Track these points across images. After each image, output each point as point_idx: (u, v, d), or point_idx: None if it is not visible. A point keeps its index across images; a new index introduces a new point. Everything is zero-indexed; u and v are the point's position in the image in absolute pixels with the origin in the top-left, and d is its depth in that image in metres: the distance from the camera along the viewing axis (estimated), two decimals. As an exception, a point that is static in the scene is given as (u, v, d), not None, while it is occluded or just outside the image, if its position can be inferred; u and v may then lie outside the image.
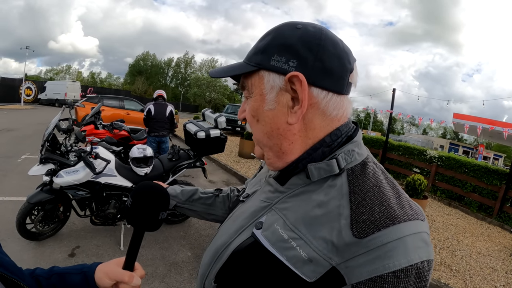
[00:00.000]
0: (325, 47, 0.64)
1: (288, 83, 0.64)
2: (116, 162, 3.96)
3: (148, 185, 0.81)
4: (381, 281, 0.53)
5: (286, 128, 0.67)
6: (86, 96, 16.40)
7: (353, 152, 0.68)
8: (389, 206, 0.59)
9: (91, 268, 0.84)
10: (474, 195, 8.39)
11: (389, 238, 0.54)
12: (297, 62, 0.63)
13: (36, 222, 3.57)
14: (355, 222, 0.57)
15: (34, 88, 30.68)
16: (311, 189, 0.67)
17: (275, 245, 0.64)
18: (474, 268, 4.70)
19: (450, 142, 49.31)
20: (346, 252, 0.56)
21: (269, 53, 0.65)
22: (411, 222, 0.57)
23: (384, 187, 0.63)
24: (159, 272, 3.45)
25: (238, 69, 0.70)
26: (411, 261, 0.54)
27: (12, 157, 7.55)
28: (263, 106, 0.68)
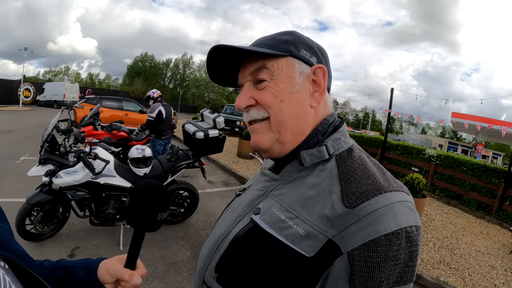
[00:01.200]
0: (328, 57, 0.81)
1: (312, 73, 0.76)
2: (115, 163, 3.96)
3: (146, 184, 0.78)
4: (374, 245, 0.57)
5: (308, 111, 0.76)
6: (84, 98, 16.40)
7: (340, 140, 0.76)
8: (375, 179, 0.65)
9: (94, 263, 0.84)
10: (473, 194, 8.41)
11: (377, 205, 0.59)
12: (317, 59, 0.77)
13: (35, 223, 3.57)
14: (346, 195, 0.63)
15: (33, 89, 30.60)
16: (303, 174, 0.74)
17: (273, 226, 0.68)
18: (473, 266, 4.71)
19: (449, 141, 49.41)
20: (339, 223, 0.61)
21: (298, 46, 0.75)
22: (397, 192, 0.63)
23: (369, 165, 0.70)
24: (159, 272, 3.45)
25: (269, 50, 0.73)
26: (400, 225, 0.58)
27: (11, 159, 7.53)
28: (291, 88, 0.74)
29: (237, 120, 17.77)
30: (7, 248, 0.61)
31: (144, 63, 76.74)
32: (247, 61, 0.77)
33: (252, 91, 0.76)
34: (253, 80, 0.76)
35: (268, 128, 0.76)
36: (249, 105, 0.77)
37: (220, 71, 0.83)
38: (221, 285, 0.73)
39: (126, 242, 3.94)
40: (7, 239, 0.63)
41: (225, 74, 0.84)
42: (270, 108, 0.74)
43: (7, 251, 0.60)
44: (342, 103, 60.72)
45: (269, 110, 0.74)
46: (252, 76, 0.76)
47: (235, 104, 0.79)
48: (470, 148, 36.55)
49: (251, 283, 0.68)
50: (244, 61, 0.78)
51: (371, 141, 11.95)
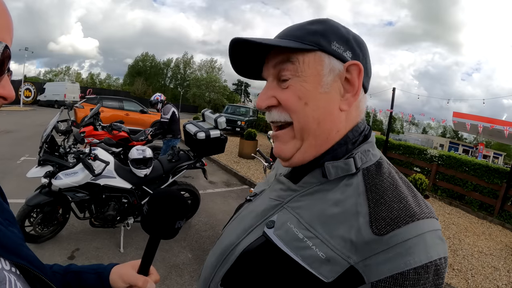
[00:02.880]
0: (367, 51, 0.70)
1: (345, 71, 0.65)
2: (116, 164, 3.93)
3: (165, 192, 0.78)
4: (402, 278, 0.52)
5: (337, 115, 0.66)
6: (85, 97, 16.39)
7: (368, 152, 0.68)
8: (407, 203, 0.58)
9: (106, 269, 0.84)
10: (475, 194, 8.38)
11: (409, 235, 0.54)
12: (352, 54, 0.66)
13: (35, 225, 3.54)
14: (374, 219, 0.57)
15: (33, 89, 30.62)
16: (326, 188, 0.66)
17: (289, 244, 0.62)
18: (476, 267, 4.68)
19: (450, 141, 49.33)
20: (365, 250, 0.55)
21: (329, 38, 0.65)
22: (429, 219, 0.58)
23: (400, 186, 0.63)
24: (160, 274, 3.34)
25: (293, 43, 0.64)
26: (430, 258, 0.54)
27: (11, 159, 7.51)
28: (318, 88, 0.65)
29: (238, 120, 17.77)
30: (19, 254, 0.60)
31: (145, 63, 76.72)
32: (272, 53, 0.69)
33: (275, 89, 0.69)
34: (276, 75, 0.68)
35: (291, 136, 0.68)
36: (271, 105, 0.69)
37: (244, 62, 0.74)
38: None
39: (127, 243, 3.92)
40: (18, 245, 0.62)
41: (250, 65, 0.75)
42: (293, 112, 0.66)
43: (19, 257, 0.60)
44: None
45: (292, 114, 0.66)
46: (276, 70, 0.68)
47: (256, 103, 0.72)
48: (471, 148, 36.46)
49: None
50: (269, 53, 0.70)
51: (372, 141, 11.93)
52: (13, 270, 0.57)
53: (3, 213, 0.66)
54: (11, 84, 0.58)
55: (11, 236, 0.62)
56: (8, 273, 0.55)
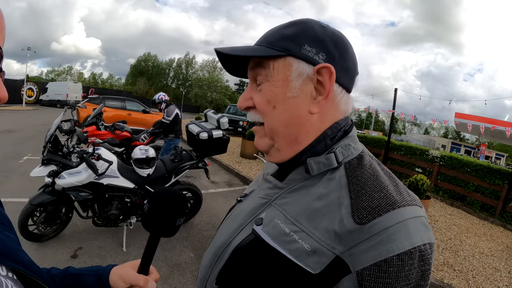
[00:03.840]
0: (347, 49, 0.69)
1: (315, 74, 0.65)
2: (119, 163, 3.96)
3: (166, 191, 0.80)
4: (386, 265, 0.53)
5: (306, 117, 0.67)
6: (87, 97, 16.43)
7: (349, 146, 0.70)
8: (388, 192, 0.60)
9: (105, 270, 0.84)
10: (477, 195, 8.36)
11: (390, 222, 0.55)
12: (326, 56, 0.65)
13: (38, 224, 3.57)
14: (356, 209, 0.58)
15: (36, 89, 30.72)
16: (310, 183, 0.68)
17: (276, 239, 0.64)
18: (477, 268, 4.68)
19: (452, 141, 49.25)
20: (349, 240, 0.57)
21: (300, 42, 0.65)
22: (411, 207, 0.59)
23: (381, 176, 0.65)
24: (162, 273, 3.44)
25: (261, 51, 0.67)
26: (413, 244, 0.55)
27: (14, 158, 7.55)
28: (286, 92, 0.67)
29: (240, 120, 17.77)
30: (15, 259, 0.60)
31: (147, 63, 76.78)
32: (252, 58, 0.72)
33: (253, 91, 0.72)
34: (254, 78, 0.72)
35: (264, 133, 0.73)
36: (249, 107, 0.73)
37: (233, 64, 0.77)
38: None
39: (129, 243, 3.94)
40: (15, 250, 0.62)
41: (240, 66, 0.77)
42: (262, 114, 0.70)
43: (15, 262, 0.59)
44: (345, 103, 60.41)
45: (262, 116, 0.70)
46: (253, 73, 0.72)
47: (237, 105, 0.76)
48: (473, 148, 36.45)
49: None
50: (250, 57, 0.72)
51: (374, 142, 11.89)
52: (9, 276, 0.57)
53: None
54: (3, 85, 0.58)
55: (7, 241, 0.62)
56: (5, 278, 0.55)
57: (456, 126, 14.22)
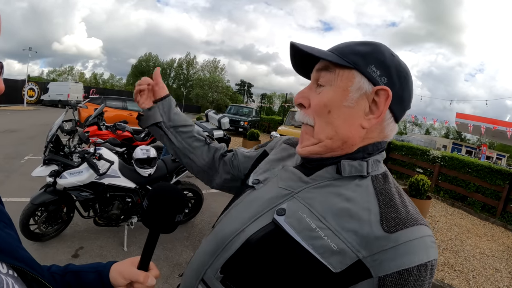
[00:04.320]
0: (408, 82, 0.73)
1: (373, 93, 0.70)
2: (120, 163, 3.96)
3: (164, 187, 0.81)
4: (407, 274, 0.59)
5: (355, 130, 0.71)
6: (89, 97, 16.44)
7: (379, 163, 0.75)
8: (411, 210, 0.67)
9: (105, 267, 0.84)
10: (477, 195, 8.36)
11: (414, 236, 0.61)
12: (387, 81, 0.70)
13: (39, 223, 3.57)
14: (385, 218, 0.63)
15: (37, 89, 30.76)
16: (338, 184, 0.71)
17: (301, 233, 0.65)
18: (477, 268, 4.69)
19: (453, 142, 49.07)
20: (374, 246, 0.61)
21: (369, 61, 0.70)
22: (426, 226, 0.65)
23: (403, 195, 0.71)
24: (163, 272, 3.45)
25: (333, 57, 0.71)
26: (429, 258, 0.61)
27: (15, 158, 7.57)
28: (343, 101, 0.71)
29: (241, 120, 17.80)
30: (16, 257, 0.60)
31: (148, 63, 76.59)
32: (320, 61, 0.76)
33: (311, 91, 0.76)
34: (316, 79, 0.76)
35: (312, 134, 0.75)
36: (302, 104, 0.77)
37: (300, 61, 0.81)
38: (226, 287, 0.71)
39: (130, 242, 3.95)
40: (15, 247, 0.62)
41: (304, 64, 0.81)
42: (317, 115, 0.73)
43: (16, 260, 0.59)
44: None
45: (315, 118, 0.73)
46: (317, 74, 0.76)
47: None
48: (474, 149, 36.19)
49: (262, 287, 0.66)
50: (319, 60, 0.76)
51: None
52: (10, 273, 0.57)
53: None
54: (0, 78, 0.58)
55: (7, 239, 0.61)
56: (6, 276, 0.55)
57: (457, 126, 14.25)
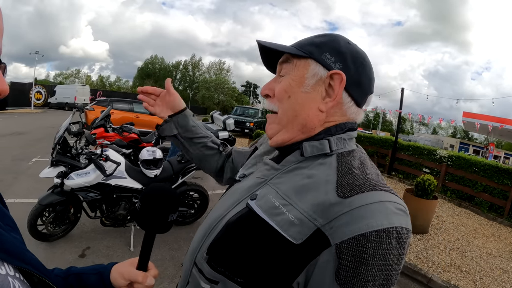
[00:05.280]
0: (364, 67, 0.78)
1: (328, 78, 0.75)
2: (126, 165, 4.00)
3: (156, 188, 0.82)
4: (364, 240, 0.57)
5: (314, 113, 0.76)
6: (95, 100, 16.55)
7: (344, 141, 0.78)
8: (372, 177, 0.68)
9: (106, 268, 0.85)
10: (485, 195, 8.29)
11: (372, 200, 0.61)
12: (342, 66, 0.75)
13: (47, 224, 3.62)
14: (341, 185, 0.65)
15: (44, 92, 30.97)
16: (303, 165, 0.76)
17: (266, 212, 0.70)
18: (484, 269, 4.66)
19: (460, 141, 48.85)
20: (330, 212, 0.61)
21: (323, 49, 0.76)
22: (392, 194, 0.65)
23: (368, 165, 0.73)
24: (169, 273, 3.48)
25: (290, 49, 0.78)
26: (392, 224, 0.59)
27: (23, 160, 7.64)
28: (299, 87, 0.77)
29: (246, 122, 17.79)
30: (23, 259, 0.61)
31: (154, 65, 76.91)
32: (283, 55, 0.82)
33: (275, 83, 0.83)
34: (279, 71, 0.83)
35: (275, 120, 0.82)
36: (267, 95, 0.84)
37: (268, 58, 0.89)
38: (211, 267, 0.74)
39: (137, 243, 3.98)
40: (22, 250, 0.63)
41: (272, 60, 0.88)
42: (279, 101, 0.79)
43: (23, 262, 0.60)
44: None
45: (278, 104, 0.80)
46: (279, 67, 0.83)
47: None
48: (482, 148, 36.01)
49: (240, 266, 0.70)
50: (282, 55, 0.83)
51: (382, 142, 11.87)
52: (17, 276, 0.57)
53: (4, 219, 0.66)
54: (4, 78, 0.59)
55: (14, 241, 0.62)
56: (12, 278, 0.55)
57: (464, 125, 14.16)
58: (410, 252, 4.80)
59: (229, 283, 0.71)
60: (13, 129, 12.83)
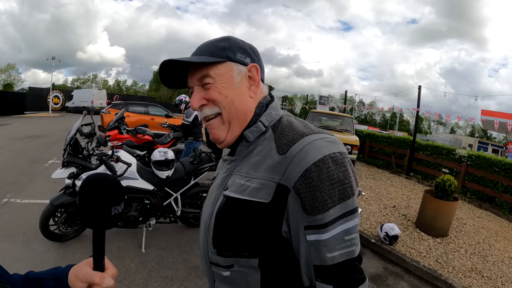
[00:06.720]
0: (258, 53, 0.98)
1: (248, 71, 0.92)
2: (138, 166, 3.98)
3: (94, 178, 0.73)
4: (308, 173, 0.75)
5: (248, 101, 0.93)
6: (111, 103, 16.77)
7: (271, 114, 0.94)
8: (298, 129, 0.85)
9: (64, 271, 0.82)
10: (506, 196, 7.96)
11: (303, 144, 0.79)
12: (250, 59, 0.93)
13: (59, 224, 3.65)
14: (279, 146, 0.83)
15: (62, 96, 31.65)
16: (252, 148, 0.92)
17: (237, 191, 0.86)
18: (506, 274, 4.46)
19: (479, 140, 47.87)
20: (280, 168, 0.80)
21: (234, 50, 0.91)
22: (317, 134, 0.83)
23: (294, 123, 0.90)
24: (179, 275, 3.44)
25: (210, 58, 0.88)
26: (323, 153, 0.77)
27: (40, 162, 7.79)
28: (231, 86, 0.90)
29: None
30: None
31: (169, 69, 77.81)
32: (193, 68, 0.91)
33: (202, 93, 0.91)
34: (200, 84, 0.91)
35: (221, 122, 0.92)
36: (202, 104, 0.92)
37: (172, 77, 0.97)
38: (222, 256, 0.90)
39: (148, 244, 3.96)
40: None
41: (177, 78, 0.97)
42: (218, 102, 0.89)
43: None
44: (369, 103, 59.77)
45: (218, 105, 0.90)
46: (199, 82, 0.91)
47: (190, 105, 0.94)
48: (501, 147, 35.16)
49: (240, 242, 0.86)
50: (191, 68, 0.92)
51: (399, 142, 11.66)
52: None
53: None
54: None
55: None
56: None
57: (483, 124, 13.86)
58: (429, 257, 4.66)
59: (240, 260, 0.88)
60: (31, 132, 13.09)
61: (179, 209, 4.13)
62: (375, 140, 12.72)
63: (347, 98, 18.81)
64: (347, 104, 19.01)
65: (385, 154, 11.94)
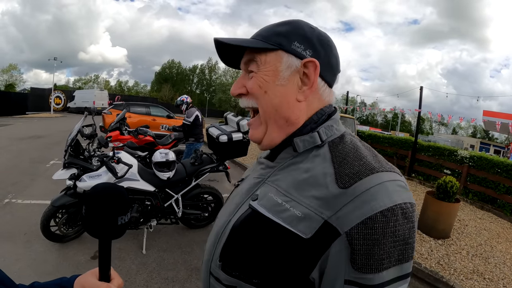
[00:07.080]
0: (332, 49, 0.79)
1: (302, 67, 0.74)
2: (139, 167, 3.98)
3: (100, 188, 0.73)
4: (371, 222, 0.59)
5: (294, 104, 0.76)
6: (113, 104, 16.80)
7: (332, 127, 0.77)
8: (367, 161, 0.68)
9: (69, 282, 0.81)
10: (508, 197, 7.92)
11: (371, 184, 0.62)
12: (312, 52, 0.74)
13: (60, 225, 3.65)
14: (339, 176, 0.65)
15: (63, 97, 31.67)
16: (298, 160, 0.76)
17: (271, 210, 0.70)
18: (508, 276, 4.44)
19: (480, 141, 47.78)
20: (334, 204, 0.62)
21: (291, 39, 0.74)
22: (389, 172, 0.66)
23: (361, 149, 0.73)
24: (180, 276, 3.43)
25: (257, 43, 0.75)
26: (394, 202, 0.61)
27: (41, 162, 7.80)
28: (274, 81, 0.75)
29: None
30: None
31: (171, 70, 78.21)
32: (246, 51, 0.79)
33: (245, 80, 0.80)
34: (246, 69, 0.80)
35: (259, 122, 0.80)
36: (241, 93, 0.81)
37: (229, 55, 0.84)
38: (226, 273, 0.74)
39: (149, 245, 3.96)
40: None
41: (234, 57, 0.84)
42: (255, 97, 0.77)
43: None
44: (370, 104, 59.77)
45: (256, 100, 0.78)
46: (246, 66, 0.80)
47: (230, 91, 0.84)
48: (503, 148, 35.08)
49: (253, 267, 0.70)
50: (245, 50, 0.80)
51: (401, 143, 11.65)
52: None
53: None
54: None
55: None
56: None
57: (484, 125, 13.82)
58: (431, 259, 4.65)
59: (245, 285, 0.71)
60: (32, 132, 13.11)
61: (180, 210, 4.13)
62: (377, 141, 12.72)
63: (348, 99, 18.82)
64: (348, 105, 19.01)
65: (386, 155, 11.85)
